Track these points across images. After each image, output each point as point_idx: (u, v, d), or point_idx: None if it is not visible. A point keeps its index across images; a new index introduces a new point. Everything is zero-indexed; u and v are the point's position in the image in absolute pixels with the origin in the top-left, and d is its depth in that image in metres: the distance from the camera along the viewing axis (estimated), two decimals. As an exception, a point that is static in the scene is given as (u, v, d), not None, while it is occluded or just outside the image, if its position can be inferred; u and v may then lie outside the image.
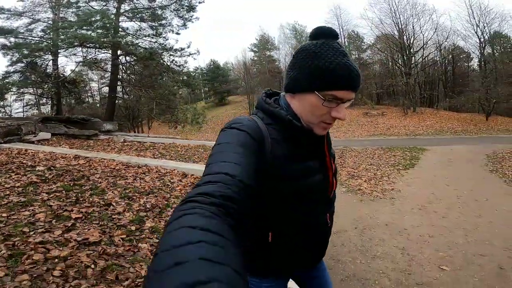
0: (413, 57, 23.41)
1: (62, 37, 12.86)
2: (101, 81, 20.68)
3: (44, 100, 18.29)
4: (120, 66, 15.05)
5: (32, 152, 4.43)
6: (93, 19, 12.95)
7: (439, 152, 9.46)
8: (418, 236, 3.44)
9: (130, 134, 12.59)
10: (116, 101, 16.56)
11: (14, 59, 13.65)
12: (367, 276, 2.67)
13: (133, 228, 2.44)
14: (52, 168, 3.60)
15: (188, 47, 15.43)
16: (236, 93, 36.21)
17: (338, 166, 7.68)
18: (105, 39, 12.97)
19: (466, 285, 2.44)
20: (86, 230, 2.22)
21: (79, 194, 2.88)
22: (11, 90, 14.77)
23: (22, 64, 13.74)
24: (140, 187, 3.44)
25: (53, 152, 4.57)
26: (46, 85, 14.35)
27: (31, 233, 2.08)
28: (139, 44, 14.96)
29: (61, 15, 13.66)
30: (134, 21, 15.11)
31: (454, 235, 3.43)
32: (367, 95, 27.93)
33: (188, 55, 15.36)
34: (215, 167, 0.54)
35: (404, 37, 22.65)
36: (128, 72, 15.71)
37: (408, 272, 2.70)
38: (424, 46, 23.15)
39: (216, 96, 36.35)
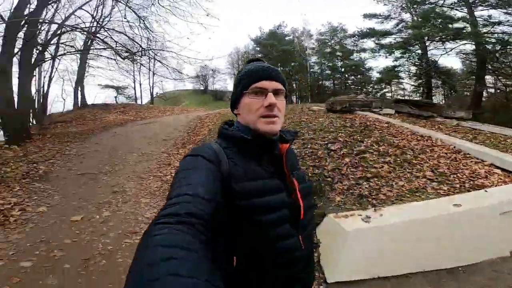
0: None
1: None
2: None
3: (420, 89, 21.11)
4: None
5: (365, 116, 6.73)
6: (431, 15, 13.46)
7: None
8: None
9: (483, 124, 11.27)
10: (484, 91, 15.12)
11: (398, 55, 17.58)
12: None
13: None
14: (362, 123, 5.66)
15: None
16: None
17: None
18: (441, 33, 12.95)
19: None
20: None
21: (364, 139, 4.66)
22: (394, 80, 19.20)
23: (403, 60, 17.30)
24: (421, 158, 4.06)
25: (377, 118, 6.49)
26: (422, 75, 16.74)
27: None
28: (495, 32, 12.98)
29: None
30: (487, 9, 13.22)
31: None
32: None
33: None
34: (176, 191, 0.60)
35: None
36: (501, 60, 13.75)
37: None
38: None
39: None
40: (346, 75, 29.47)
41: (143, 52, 11.16)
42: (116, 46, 11.48)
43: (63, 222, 3.81)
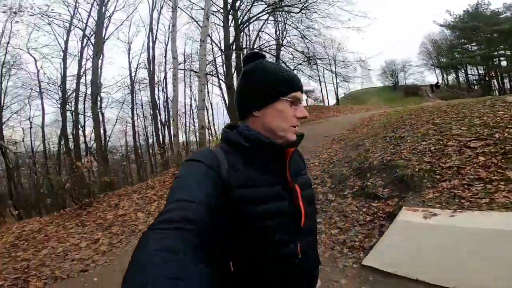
0: None
1: None
2: None
3: None
4: None
5: None
6: None
7: None
8: None
9: None
10: None
11: None
12: None
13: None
14: None
15: None
16: None
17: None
18: None
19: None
20: None
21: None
22: None
23: None
24: None
25: None
26: None
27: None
28: None
29: None
30: None
31: None
32: None
33: None
34: (173, 197, 0.60)
35: None
36: None
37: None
38: None
39: None
40: None
41: (310, 61, 13.49)
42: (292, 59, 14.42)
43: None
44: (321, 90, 32.16)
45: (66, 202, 8.45)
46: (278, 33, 18.90)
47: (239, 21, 13.91)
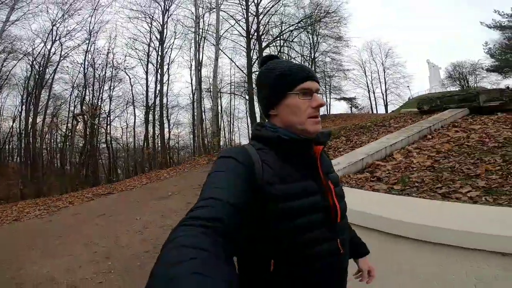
0: None
1: None
2: None
3: None
4: None
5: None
6: None
7: None
8: None
9: None
10: None
11: None
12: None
13: None
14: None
15: None
16: None
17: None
18: None
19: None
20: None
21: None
22: None
23: None
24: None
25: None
26: None
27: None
28: None
29: None
30: None
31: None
32: None
33: None
34: (205, 194, 0.61)
35: None
36: None
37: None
38: None
39: None
40: None
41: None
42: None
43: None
44: (369, 97, 32.01)
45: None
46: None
47: (263, 45, 18.72)
